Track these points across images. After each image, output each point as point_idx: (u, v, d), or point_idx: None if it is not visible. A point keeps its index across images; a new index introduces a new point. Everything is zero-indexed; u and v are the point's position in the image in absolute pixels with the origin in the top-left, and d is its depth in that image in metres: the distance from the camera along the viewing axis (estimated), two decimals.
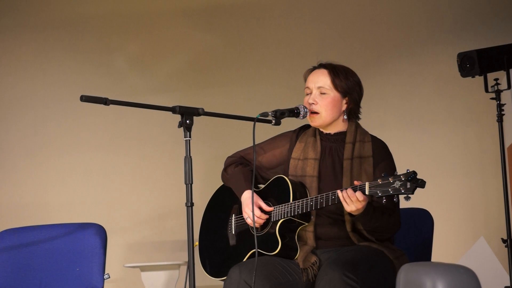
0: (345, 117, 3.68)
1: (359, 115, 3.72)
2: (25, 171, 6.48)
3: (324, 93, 3.64)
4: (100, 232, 4.33)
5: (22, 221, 5.43)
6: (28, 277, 4.30)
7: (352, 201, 3.34)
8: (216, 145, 6.33)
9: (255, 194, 3.62)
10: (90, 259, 4.27)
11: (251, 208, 3.57)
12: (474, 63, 5.47)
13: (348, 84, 3.65)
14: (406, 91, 6.38)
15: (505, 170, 5.44)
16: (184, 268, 5.86)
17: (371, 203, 3.42)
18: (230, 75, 6.59)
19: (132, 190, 6.48)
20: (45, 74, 6.61)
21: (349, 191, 3.34)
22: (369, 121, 3.83)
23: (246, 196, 3.66)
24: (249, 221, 3.61)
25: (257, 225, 3.59)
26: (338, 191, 3.37)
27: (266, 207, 3.61)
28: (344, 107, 3.67)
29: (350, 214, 3.45)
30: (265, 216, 3.59)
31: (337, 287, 3.26)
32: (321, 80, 3.65)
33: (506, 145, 5.57)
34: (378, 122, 4.90)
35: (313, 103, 3.64)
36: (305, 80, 3.73)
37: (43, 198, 6.42)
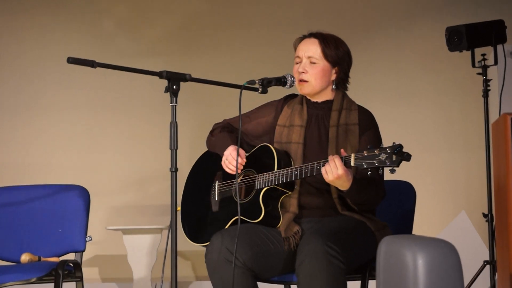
0: (334, 86, 3.68)
1: (347, 84, 3.72)
2: (9, 131, 6.46)
3: (314, 63, 3.64)
4: (83, 194, 4.32)
5: (4, 181, 5.43)
6: (9, 237, 4.29)
7: (331, 170, 3.34)
8: (203, 111, 6.33)
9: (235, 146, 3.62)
10: (73, 220, 4.26)
11: (233, 154, 3.58)
12: (462, 38, 5.47)
13: (338, 54, 3.65)
14: (392, 64, 6.39)
15: (488, 146, 5.47)
16: (166, 232, 5.88)
17: (356, 177, 3.43)
18: (219, 41, 6.58)
19: (117, 153, 6.48)
20: (32, 34, 6.57)
21: (337, 159, 3.33)
22: (355, 94, 3.83)
23: (229, 147, 3.66)
24: (226, 163, 3.62)
25: (233, 167, 3.59)
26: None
27: (241, 159, 3.61)
28: (334, 76, 3.67)
29: (338, 189, 3.46)
30: (242, 162, 3.60)
31: (318, 257, 3.27)
32: (311, 49, 3.65)
33: (491, 120, 5.59)
34: (364, 94, 4.87)
35: (303, 72, 3.64)
36: (295, 48, 3.72)
37: (26, 158, 6.42)
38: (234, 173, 3.61)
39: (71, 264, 4.02)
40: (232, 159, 3.61)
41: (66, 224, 4.27)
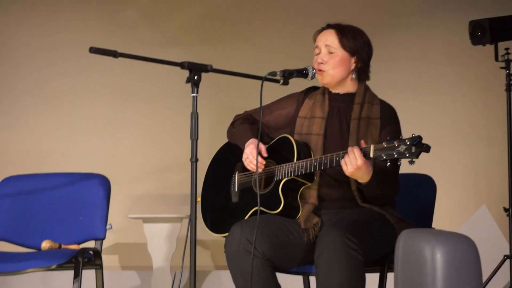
0: (354, 76, 3.69)
1: (369, 74, 3.72)
2: (32, 119, 6.50)
3: (332, 52, 3.65)
4: (104, 183, 4.34)
5: (26, 168, 5.45)
6: (30, 225, 4.32)
7: (350, 161, 3.34)
8: (223, 101, 6.33)
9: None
10: (93, 209, 4.28)
11: (253, 153, 3.58)
12: (485, 32, 5.44)
13: (356, 44, 3.65)
14: (415, 57, 6.36)
15: (510, 140, 5.44)
16: (186, 222, 5.90)
17: (376, 170, 3.42)
18: (240, 32, 6.57)
19: (138, 142, 6.50)
20: (55, 22, 6.59)
21: (356, 150, 3.33)
22: (377, 85, 3.82)
23: (250, 141, 3.66)
24: (247, 161, 3.62)
25: (253, 166, 3.59)
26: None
27: (264, 152, 3.61)
28: (353, 66, 3.67)
29: (357, 181, 3.46)
30: (262, 161, 3.60)
31: (337, 249, 3.27)
32: (329, 39, 3.66)
33: None
34: (386, 86, 4.87)
35: (322, 62, 3.65)
36: (314, 41, 3.74)
37: (48, 146, 6.45)
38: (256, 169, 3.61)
39: (91, 252, 4.05)
40: (253, 159, 3.61)
41: (87, 212, 4.30)
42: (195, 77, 3.29)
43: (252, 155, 3.61)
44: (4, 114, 6.49)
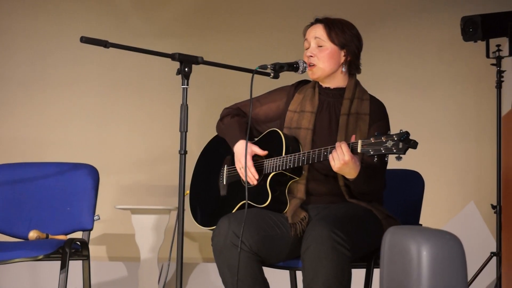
0: (344, 69, 3.69)
1: (360, 67, 3.72)
2: (20, 107, 6.48)
3: (321, 46, 3.65)
4: (92, 173, 4.34)
5: (16, 157, 5.45)
6: (18, 214, 4.32)
7: (338, 156, 3.34)
8: (214, 93, 6.33)
9: (249, 143, 3.62)
10: (81, 199, 4.28)
11: (248, 165, 3.59)
12: (477, 28, 5.46)
13: (345, 37, 3.65)
14: (406, 52, 6.36)
15: (500, 137, 5.45)
16: (174, 213, 5.90)
17: (364, 167, 3.43)
18: (233, 25, 6.56)
19: (127, 133, 6.49)
20: (46, 11, 6.57)
21: (344, 145, 3.33)
22: (368, 81, 3.83)
23: (240, 147, 3.67)
24: (242, 171, 3.62)
25: (249, 180, 3.60)
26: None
27: (260, 152, 3.61)
28: (343, 59, 3.67)
29: (344, 177, 3.46)
30: (254, 171, 3.60)
31: (324, 244, 3.27)
32: (318, 33, 3.67)
33: (503, 112, 5.58)
34: (376, 81, 4.87)
35: (311, 56, 3.65)
36: (304, 35, 3.75)
37: (38, 135, 6.43)
38: (251, 182, 3.61)
39: (78, 243, 4.05)
40: (247, 171, 3.60)
41: (75, 203, 4.30)
42: (186, 69, 3.29)
43: (247, 168, 3.60)
44: None
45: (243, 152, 3.60)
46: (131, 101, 6.52)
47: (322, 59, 3.65)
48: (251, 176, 3.59)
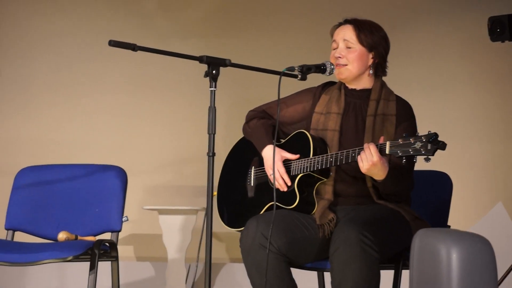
0: (371, 71, 3.68)
1: (386, 69, 3.72)
2: (49, 109, 6.52)
3: (350, 47, 3.65)
4: (120, 175, 4.36)
5: (43, 158, 5.48)
6: (47, 216, 4.35)
7: (366, 158, 3.34)
8: (239, 95, 6.33)
9: (278, 148, 3.63)
10: (110, 201, 4.30)
11: (281, 171, 3.59)
12: (504, 28, 5.43)
13: (374, 39, 3.65)
14: (432, 51, 6.33)
15: None
16: (201, 214, 5.91)
17: (392, 168, 3.42)
18: (258, 24, 6.56)
19: (155, 134, 6.51)
20: (73, 13, 6.60)
21: (372, 147, 3.33)
22: (394, 80, 3.82)
23: (269, 152, 3.67)
24: (280, 181, 3.63)
25: (280, 187, 3.60)
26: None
27: (291, 156, 3.62)
28: (370, 61, 3.67)
29: (372, 179, 3.46)
30: (287, 178, 3.60)
31: (353, 245, 3.28)
32: (347, 34, 3.66)
33: None
34: (402, 81, 4.86)
35: (340, 57, 3.65)
36: (331, 36, 3.74)
37: (65, 137, 6.47)
38: (281, 189, 3.62)
39: (107, 244, 4.07)
40: (278, 177, 3.60)
41: (103, 204, 4.32)
42: (213, 72, 3.30)
43: (279, 172, 3.61)
44: (21, 105, 6.50)
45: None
46: (158, 102, 6.54)
47: (350, 60, 3.64)
48: (282, 184, 3.60)
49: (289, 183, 3.60)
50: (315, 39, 5.64)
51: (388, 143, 3.31)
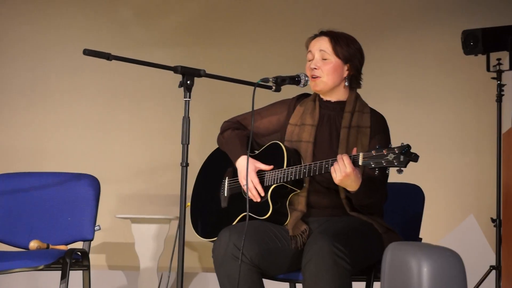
0: (346, 83, 3.70)
1: (361, 81, 3.74)
2: (23, 117, 6.49)
3: (325, 59, 3.66)
4: (93, 183, 4.34)
5: (16, 166, 5.46)
6: (19, 224, 4.32)
7: (339, 169, 3.35)
8: (215, 105, 6.34)
9: (252, 159, 3.63)
10: (82, 209, 4.29)
11: (254, 181, 3.60)
12: (478, 42, 5.48)
13: (349, 51, 3.67)
14: (407, 65, 6.37)
15: (500, 150, 5.46)
16: (174, 223, 5.91)
17: (365, 179, 3.44)
18: (235, 33, 6.58)
19: (128, 143, 6.50)
20: (48, 21, 6.59)
21: (346, 158, 3.34)
22: (368, 93, 3.84)
23: (243, 163, 3.67)
24: (253, 191, 3.63)
25: (254, 198, 3.60)
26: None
27: (265, 167, 3.62)
28: (346, 73, 3.68)
29: (346, 190, 3.48)
30: (260, 188, 3.61)
31: (325, 257, 3.28)
32: (323, 46, 3.67)
33: (503, 125, 5.59)
34: (376, 94, 4.89)
35: (315, 68, 3.66)
36: (307, 47, 3.75)
37: (39, 145, 6.44)
38: (254, 200, 3.62)
39: (79, 253, 4.05)
40: (252, 188, 3.61)
41: (76, 213, 4.30)
42: (188, 82, 3.30)
43: (253, 184, 3.61)
44: None
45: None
46: (131, 111, 6.53)
47: (326, 72, 3.66)
48: (256, 194, 3.60)
49: (262, 194, 3.60)
50: (291, 48, 5.66)
51: (361, 154, 3.33)
